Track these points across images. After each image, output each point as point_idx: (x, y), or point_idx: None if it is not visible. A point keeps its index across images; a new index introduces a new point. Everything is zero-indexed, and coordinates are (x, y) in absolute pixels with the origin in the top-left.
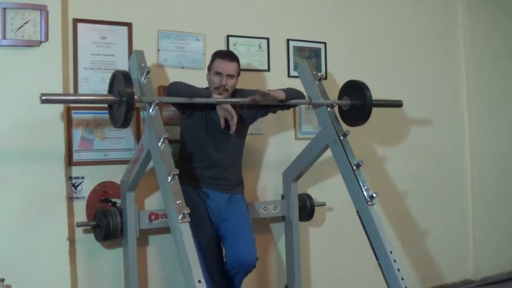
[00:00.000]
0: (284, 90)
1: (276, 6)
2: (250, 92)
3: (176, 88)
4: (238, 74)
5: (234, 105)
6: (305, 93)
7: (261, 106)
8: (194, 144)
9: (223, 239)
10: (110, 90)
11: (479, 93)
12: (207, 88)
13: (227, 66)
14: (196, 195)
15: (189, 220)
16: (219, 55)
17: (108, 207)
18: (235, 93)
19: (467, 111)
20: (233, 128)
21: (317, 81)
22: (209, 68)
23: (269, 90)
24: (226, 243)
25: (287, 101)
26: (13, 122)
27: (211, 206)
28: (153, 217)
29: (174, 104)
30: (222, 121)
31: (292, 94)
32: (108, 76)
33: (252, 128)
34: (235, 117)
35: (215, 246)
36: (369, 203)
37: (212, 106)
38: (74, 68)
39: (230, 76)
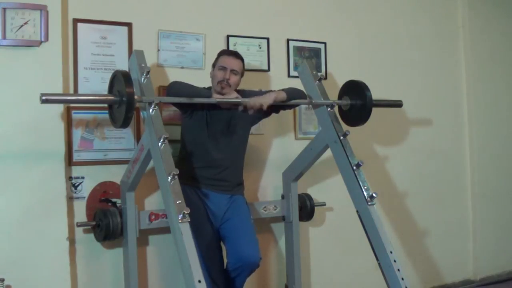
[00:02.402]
0: (285, 90)
1: (276, 6)
2: (251, 93)
3: (176, 88)
4: (242, 75)
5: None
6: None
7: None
8: (194, 144)
9: (225, 240)
10: (110, 90)
11: (479, 93)
12: (209, 88)
13: (232, 62)
14: (196, 196)
15: (189, 220)
16: (225, 52)
17: (108, 207)
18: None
19: (467, 111)
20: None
21: (317, 81)
22: (214, 65)
23: (271, 90)
24: (228, 244)
25: (289, 101)
26: (13, 122)
27: (211, 207)
28: (153, 217)
29: (174, 104)
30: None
31: (294, 93)
32: (108, 76)
33: (252, 128)
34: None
35: (215, 247)
36: (369, 203)
37: (213, 106)
38: (74, 68)
39: (234, 72)
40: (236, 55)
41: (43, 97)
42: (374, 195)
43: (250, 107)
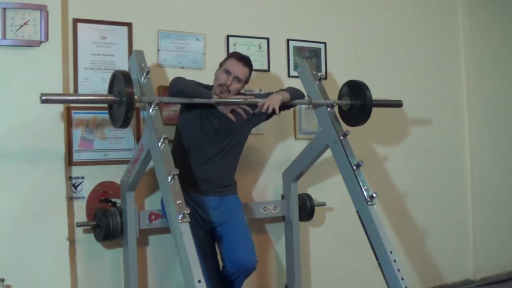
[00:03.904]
0: (286, 90)
1: (276, 6)
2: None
3: (178, 85)
4: (246, 82)
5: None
6: (304, 92)
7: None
8: (186, 139)
9: (221, 243)
10: (110, 90)
11: (479, 93)
12: (212, 87)
13: (238, 68)
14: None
15: (189, 220)
16: (236, 55)
17: (108, 207)
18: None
19: (467, 111)
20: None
21: (317, 81)
22: (221, 64)
23: (271, 92)
24: (224, 248)
25: (291, 101)
26: (13, 122)
27: (199, 211)
28: (153, 217)
29: None
30: (231, 116)
31: (295, 94)
32: (108, 76)
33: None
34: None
35: (209, 251)
36: (369, 203)
37: (211, 106)
38: (74, 68)
39: (237, 79)
40: (245, 62)
41: (43, 97)
42: (374, 195)
43: (265, 107)
